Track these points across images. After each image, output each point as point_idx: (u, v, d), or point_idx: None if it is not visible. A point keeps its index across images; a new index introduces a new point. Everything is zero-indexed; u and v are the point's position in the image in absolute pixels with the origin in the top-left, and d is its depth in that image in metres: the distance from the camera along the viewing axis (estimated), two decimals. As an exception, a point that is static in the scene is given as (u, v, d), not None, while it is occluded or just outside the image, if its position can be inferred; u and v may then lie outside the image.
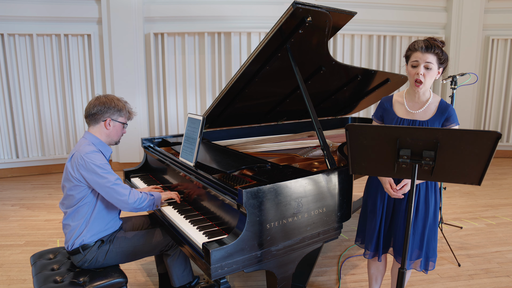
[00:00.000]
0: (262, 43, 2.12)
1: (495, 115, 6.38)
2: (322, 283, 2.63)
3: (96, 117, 2.01)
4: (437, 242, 1.96)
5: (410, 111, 1.88)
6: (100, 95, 2.07)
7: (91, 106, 2.01)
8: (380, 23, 5.95)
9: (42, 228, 3.63)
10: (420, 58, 1.76)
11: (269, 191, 1.69)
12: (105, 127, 2.03)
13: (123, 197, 1.92)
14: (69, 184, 1.92)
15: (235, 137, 3.24)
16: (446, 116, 1.82)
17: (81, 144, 1.97)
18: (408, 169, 1.48)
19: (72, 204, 1.95)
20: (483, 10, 5.94)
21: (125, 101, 2.12)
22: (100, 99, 2.02)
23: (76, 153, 1.91)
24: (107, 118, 2.02)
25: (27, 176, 5.57)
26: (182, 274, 2.20)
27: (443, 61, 1.78)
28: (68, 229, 1.97)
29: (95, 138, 2.02)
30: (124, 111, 2.08)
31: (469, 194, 4.58)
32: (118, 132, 2.08)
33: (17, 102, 5.35)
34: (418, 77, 1.77)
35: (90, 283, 1.83)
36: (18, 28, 5.17)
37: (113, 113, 2.03)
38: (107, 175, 1.89)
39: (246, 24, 5.61)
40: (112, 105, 2.02)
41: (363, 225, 2.08)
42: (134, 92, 5.49)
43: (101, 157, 1.93)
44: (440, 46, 1.77)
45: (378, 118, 2.02)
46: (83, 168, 1.87)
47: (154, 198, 2.08)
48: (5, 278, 2.71)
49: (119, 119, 2.06)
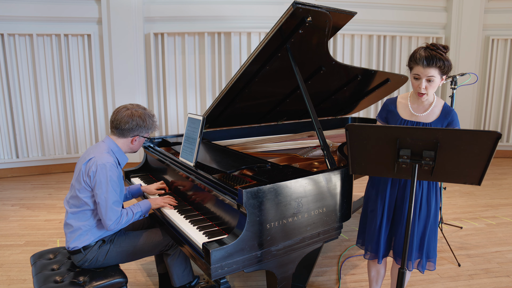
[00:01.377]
0: (262, 43, 2.12)
1: (495, 115, 6.38)
2: (322, 283, 2.63)
3: (126, 133, 2.00)
4: (437, 241, 1.97)
5: (414, 114, 1.88)
6: (131, 107, 2.02)
7: (123, 120, 1.97)
8: (380, 23, 5.95)
9: (42, 228, 3.63)
10: (422, 73, 1.73)
11: (269, 191, 1.69)
12: (131, 142, 2.04)
13: (107, 220, 1.89)
14: (79, 186, 1.92)
15: (235, 137, 3.24)
16: (449, 120, 1.83)
17: (101, 150, 1.94)
18: (408, 169, 1.49)
19: (78, 205, 1.94)
20: (483, 10, 5.94)
21: (153, 114, 2.10)
22: (133, 115, 1.98)
23: (93, 158, 1.89)
24: (136, 135, 2.03)
25: (27, 176, 5.57)
26: (182, 274, 2.20)
27: (446, 71, 1.75)
28: (70, 229, 1.96)
29: (116, 146, 2.01)
30: (153, 128, 2.09)
31: (469, 194, 4.58)
32: (140, 145, 2.11)
33: (17, 102, 5.35)
34: (420, 90, 1.77)
35: (90, 283, 1.83)
36: (18, 28, 5.17)
37: (142, 131, 2.04)
38: (109, 194, 1.87)
39: (246, 24, 5.61)
40: (145, 124, 2.02)
41: (364, 226, 2.08)
42: (134, 92, 5.49)
43: (114, 172, 1.90)
44: (442, 56, 1.72)
45: (382, 120, 2.01)
46: (93, 174, 1.87)
47: (141, 211, 2.06)
48: (5, 278, 2.71)
49: (145, 135, 2.08)
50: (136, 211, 2.03)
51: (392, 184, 1.93)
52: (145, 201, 2.12)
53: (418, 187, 1.87)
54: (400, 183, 1.91)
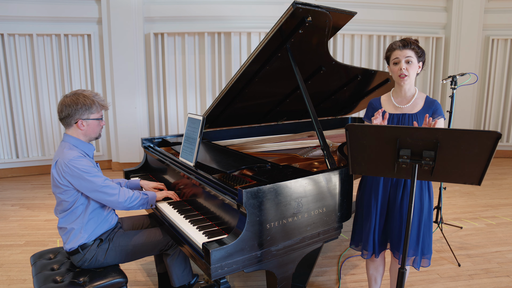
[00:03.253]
0: (262, 43, 2.12)
1: (495, 115, 6.38)
2: (322, 283, 2.63)
3: (67, 121, 1.91)
4: (432, 238, 1.99)
5: (398, 106, 1.96)
6: (67, 94, 1.94)
7: (58, 110, 1.91)
8: (380, 23, 5.95)
9: (42, 228, 3.63)
10: (400, 55, 1.89)
11: (269, 191, 1.69)
12: (79, 128, 1.93)
13: (112, 197, 1.91)
14: (59, 190, 1.90)
15: (235, 137, 3.24)
16: (433, 109, 1.91)
17: (62, 149, 1.91)
18: (408, 169, 1.48)
19: (65, 208, 1.93)
20: (483, 10, 5.95)
21: (95, 94, 1.98)
22: (65, 101, 1.89)
23: (59, 160, 1.86)
24: (78, 120, 1.91)
25: (27, 176, 5.57)
26: (182, 273, 2.20)
27: (420, 55, 1.91)
28: (64, 231, 1.96)
29: (74, 139, 1.95)
30: (95, 107, 1.94)
31: (469, 194, 4.58)
32: (94, 128, 1.98)
33: (17, 102, 5.35)
34: (402, 72, 1.88)
35: (90, 283, 1.83)
36: (18, 28, 5.17)
37: (82, 113, 1.90)
38: (94, 179, 1.86)
39: (246, 24, 5.61)
40: (79, 105, 1.89)
41: (359, 228, 2.08)
42: (134, 92, 5.49)
43: (85, 161, 1.87)
44: (415, 42, 1.91)
45: (369, 119, 2.04)
46: (69, 175, 1.84)
47: (147, 197, 2.08)
48: (5, 278, 2.71)
49: (91, 117, 1.94)
50: (143, 193, 2.06)
51: (384, 183, 1.95)
52: (150, 191, 2.16)
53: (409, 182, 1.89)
54: (392, 181, 1.94)
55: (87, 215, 1.96)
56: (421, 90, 6.26)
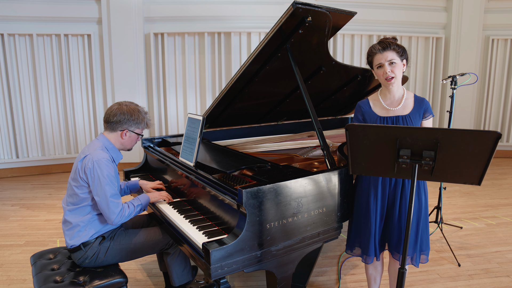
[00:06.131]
0: (262, 43, 2.12)
1: (495, 115, 6.37)
2: (322, 283, 2.63)
3: (114, 126, 2.04)
4: (429, 234, 1.99)
5: (389, 109, 1.95)
6: (123, 103, 2.08)
7: (112, 113, 2.03)
8: (380, 23, 5.95)
9: (42, 228, 3.63)
10: (382, 59, 1.87)
11: (269, 191, 1.69)
12: (121, 136, 2.07)
13: (109, 213, 1.93)
14: (76, 183, 1.95)
15: (235, 137, 3.24)
16: (424, 107, 1.92)
17: (95, 147, 1.99)
18: (408, 169, 1.48)
19: (76, 203, 1.97)
20: (483, 10, 5.94)
21: (146, 112, 2.15)
22: (122, 109, 2.04)
23: (89, 155, 1.93)
24: (125, 129, 2.05)
25: (27, 176, 5.57)
26: (182, 273, 2.20)
27: (402, 53, 1.89)
28: (69, 226, 1.97)
29: (109, 142, 2.05)
30: (143, 124, 2.11)
31: (469, 194, 4.58)
32: (132, 141, 2.13)
33: (17, 102, 5.35)
34: (388, 74, 1.87)
35: (90, 283, 1.83)
36: (18, 28, 5.17)
37: (131, 124, 2.06)
38: (107, 187, 1.91)
39: (246, 24, 5.61)
40: (133, 117, 2.05)
41: (355, 231, 2.05)
42: (134, 92, 5.49)
43: (110, 167, 1.95)
44: (394, 41, 1.89)
45: (360, 122, 2.01)
46: (90, 171, 1.91)
47: (141, 204, 2.10)
48: (5, 278, 2.71)
49: (136, 131, 2.10)
50: (136, 204, 2.07)
51: (382, 185, 1.94)
52: (143, 195, 2.17)
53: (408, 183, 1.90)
54: (391, 182, 1.93)
55: (94, 214, 1.99)
56: (421, 90, 6.30)
